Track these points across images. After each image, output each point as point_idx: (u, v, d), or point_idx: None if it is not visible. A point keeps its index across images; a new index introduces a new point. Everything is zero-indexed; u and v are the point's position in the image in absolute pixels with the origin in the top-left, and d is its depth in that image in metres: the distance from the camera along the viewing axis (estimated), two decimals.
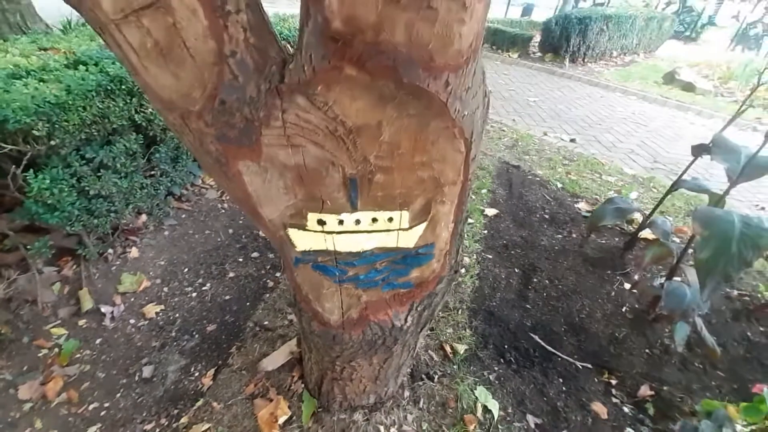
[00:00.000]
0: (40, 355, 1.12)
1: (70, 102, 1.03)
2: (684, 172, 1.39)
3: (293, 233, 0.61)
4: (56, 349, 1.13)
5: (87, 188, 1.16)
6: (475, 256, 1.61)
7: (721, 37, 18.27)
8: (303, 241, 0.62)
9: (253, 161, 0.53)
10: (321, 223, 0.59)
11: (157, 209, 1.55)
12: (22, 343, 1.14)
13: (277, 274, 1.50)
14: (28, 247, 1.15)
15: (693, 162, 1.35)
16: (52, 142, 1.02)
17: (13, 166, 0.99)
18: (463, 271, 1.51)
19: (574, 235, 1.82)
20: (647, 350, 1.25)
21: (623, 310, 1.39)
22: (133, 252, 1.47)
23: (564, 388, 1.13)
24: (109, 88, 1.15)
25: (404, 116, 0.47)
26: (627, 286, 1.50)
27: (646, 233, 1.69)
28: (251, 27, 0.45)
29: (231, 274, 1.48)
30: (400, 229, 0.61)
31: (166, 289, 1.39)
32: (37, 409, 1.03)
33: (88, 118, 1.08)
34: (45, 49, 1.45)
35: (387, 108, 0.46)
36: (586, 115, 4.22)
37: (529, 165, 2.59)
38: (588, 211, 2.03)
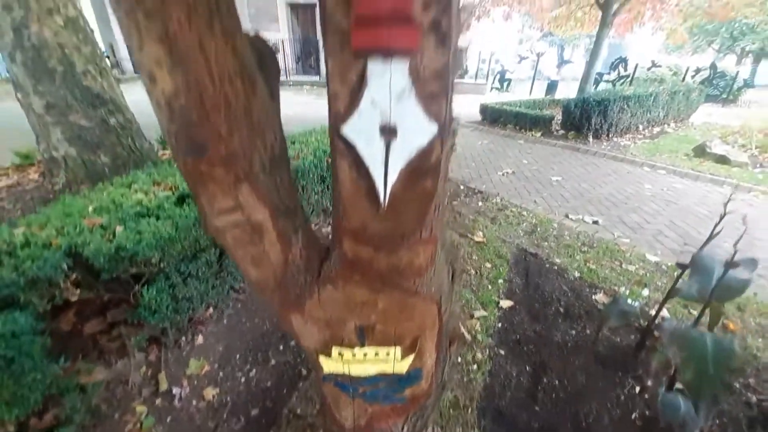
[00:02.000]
0: (126, 429, 1.41)
1: (177, 236, 1.47)
2: (677, 280, 1.51)
3: (322, 359, 0.89)
4: (138, 424, 1.43)
5: (177, 294, 1.56)
6: (487, 351, 1.75)
7: (765, 96, 17.72)
8: (328, 365, 0.89)
9: (300, 315, 0.84)
10: (341, 354, 0.86)
11: (221, 302, 1.92)
12: (114, 419, 1.45)
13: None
14: (131, 338, 1.53)
15: (681, 275, 1.48)
16: (162, 265, 1.44)
17: (137, 285, 1.41)
18: (475, 367, 1.65)
19: (588, 331, 1.90)
20: None
21: (632, 417, 1.43)
22: (199, 338, 1.81)
23: None
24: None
25: (391, 296, 0.76)
26: (638, 389, 1.54)
27: None
28: (305, 247, 0.79)
29: (272, 362, 1.75)
30: (395, 360, 0.86)
31: (221, 373, 1.68)
32: None
33: (187, 244, 1.52)
34: (158, 183, 2.02)
35: (379, 294, 0.75)
36: (611, 193, 4.32)
37: (547, 252, 2.74)
38: (604, 304, 2.11)
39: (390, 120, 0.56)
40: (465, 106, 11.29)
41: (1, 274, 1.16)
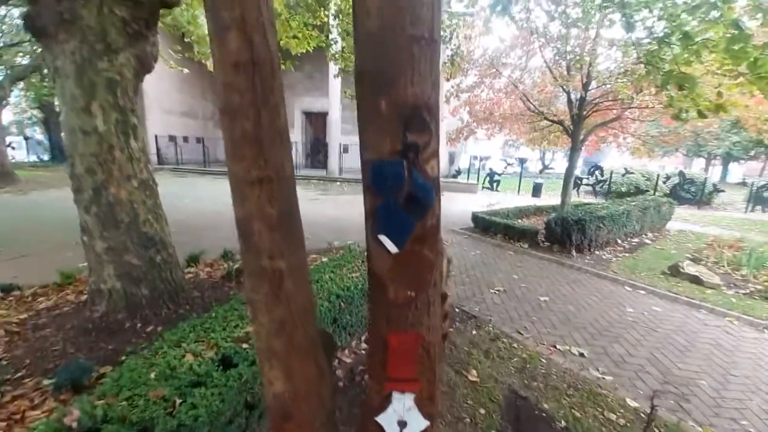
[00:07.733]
0: None
1: (224, 409, 1.82)
2: None
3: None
4: None
5: None
6: None
7: (738, 196, 19.07)
8: None
9: None
10: None
11: None
12: None
13: None
14: None
15: None
16: None
17: None
18: None
19: None
20: None
21: None
22: None
23: None
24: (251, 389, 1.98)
25: None
26: None
27: None
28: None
29: None
30: None
31: None
32: None
33: (230, 414, 1.86)
34: (201, 341, 2.42)
35: None
36: (596, 318, 4.67)
37: (536, 395, 2.99)
38: None
39: (403, 418, 1.01)
40: (460, 204, 12.37)
41: None
